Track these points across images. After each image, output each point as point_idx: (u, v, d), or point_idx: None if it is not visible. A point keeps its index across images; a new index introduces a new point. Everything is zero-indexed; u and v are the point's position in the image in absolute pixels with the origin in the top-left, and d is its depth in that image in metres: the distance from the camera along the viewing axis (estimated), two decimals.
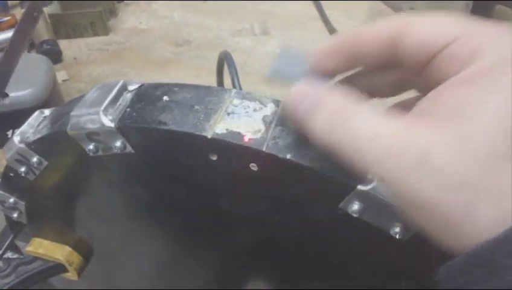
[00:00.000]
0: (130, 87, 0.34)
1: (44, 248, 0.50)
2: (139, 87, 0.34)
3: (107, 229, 0.45)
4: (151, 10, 0.85)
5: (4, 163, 0.40)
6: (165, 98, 0.32)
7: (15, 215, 0.46)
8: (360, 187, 0.27)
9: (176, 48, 0.77)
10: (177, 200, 0.35)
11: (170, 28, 0.80)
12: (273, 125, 0.30)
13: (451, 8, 0.56)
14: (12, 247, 0.54)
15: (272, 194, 0.32)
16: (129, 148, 0.33)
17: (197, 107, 0.31)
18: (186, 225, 0.39)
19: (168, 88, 0.33)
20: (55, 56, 0.70)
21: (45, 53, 0.69)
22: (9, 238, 0.56)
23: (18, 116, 0.47)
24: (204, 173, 0.32)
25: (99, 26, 0.76)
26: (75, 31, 0.74)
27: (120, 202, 0.40)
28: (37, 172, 0.40)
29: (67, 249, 0.50)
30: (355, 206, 0.28)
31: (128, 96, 0.34)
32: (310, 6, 0.83)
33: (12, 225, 0.49)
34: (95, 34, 0.76)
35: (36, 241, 0.50)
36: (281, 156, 0.28)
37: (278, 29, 0.80)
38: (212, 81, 0.68)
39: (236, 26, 0.80)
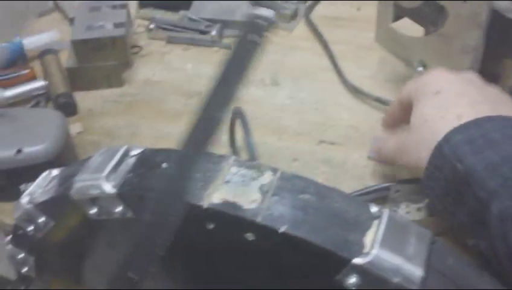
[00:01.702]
0: (133, 152, 0.35)
1: None
2: (142, 152, 0.35)
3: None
4: (165, 62, 0.86)
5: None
6: (164, 165, 0.33)
7: (25, 269, 0.47)
8: (355, 261, 0.27)
9: (187, 99, 0.78)
10: (177, 265, 0.35)
11: (182, 80, 0.82)
12: (269, 194, 0.30)
13: (460, 64, 0.57)
14: None
15: (269, 264, 0.32)
16: (130, 214, 0.34)
17: (196, 175, 0.32)
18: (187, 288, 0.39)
19: (167, 154, 0.34)
20: (70, 109, 0.71)
21: (61, 106, 0.71)
22: None
23: (31, 170, 0.48)
24: (203, 240, 0.32)
25: (114, 78, 0.78)
26: (91, 84, 0.76)
27: (119, 262, 0.41)
28: (44, 231, 0.41)
29: None
30: (352, 279, 0.28)
31: (130, 161, 0.35)
32: (320, 57, 0.84)
33: (22, 278, 0.50)
34: (110, 86, 0.78)
35: None
36: (275, 227, 0.28)
37: (288, 80, 0.81)
38: (223, 134, 0.69)
39: (247, 77, 0.81)
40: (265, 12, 0.37)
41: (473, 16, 0.51)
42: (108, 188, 0.32)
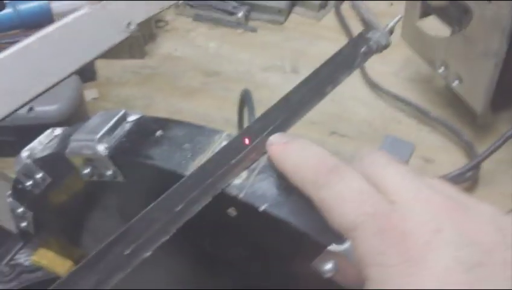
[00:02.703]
0: (130, 118, 0.35)
1: (48, 259, 0.52)
2: (138, 118, 0.35)
3: None
4: (189, 38, 0.87)
5: None
6: (159, 132, 0.33)
7: (24, 224, 0.48)
8: (331, 247, 0.27)
9: (205, 78, 0.78)
10: None
11: (203, 58, 0.82)
12: (255, 172, 0.30)
13: (481, 68, 0.56)
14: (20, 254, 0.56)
15: (251, 242, 0.32)
16: (120, 177, 0.34)
17: (186, 145, 0.32)
18: (172, 259, 0.39)
19: (164, 123, 0.34)
20: (89, 75, 0.72)
21: (80, 71, 0.72)
22: (19, 246, 0.58)
23: (41, 129, 0.49)
24: None
25: (136, 49, 0.79)
26: (113, 52, 0.76)
27: (113, 228, 0.41)
28: (42, 187, 0.41)
29: (69, 263, 0.51)
30: (328, 265, 0.28)
31: (127, 126, 0.35)
32: None
33: (21, 233, 0.51)
34: (132, 57, 0.79)
35: (41, 251, 0.52)
36: (256, 205, 0.28)
37: (308, 68, 0.80)
38: (234, 115, 0.69)
39: (268, 62, 0.81)
40: (377, 35, 0.37)
41: (497, 18, 0.49)
42: (101, 149, 0.33)
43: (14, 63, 0.30)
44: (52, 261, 0.51)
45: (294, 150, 0.29)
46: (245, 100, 0.59)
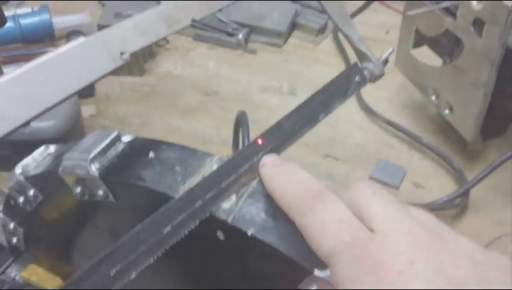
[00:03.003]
0: (124, 139, 0.36)
1: (38, 276, 0.52)
2: (133, 140, 0.36)
3: None
4: (189, 57, 0.88)
5: None
6: (151, 154, 0.34)
7: (14, 240, 0.48)
8: (317, 273, 0.28)
9: (204, 97, 0.79)
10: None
11: (202, 77, 0.83)
12: (244, 197, 0.31)
13: (472, 98, 0.57)
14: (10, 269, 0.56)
15: (238, 265, 0.32)
16: (111, 197, 0.35)
17: (177, 168, 0.32)
18: (161, 280, 0.39)
19: (157, 145, 0.35)
20: (87, 91, 0.73)
21: None
22: (9, 261, 0.58)
23: (37, 145, 0.49)
24: None
25: (135, 67, 0.80)
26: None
27: (103, 247, 0.42)
28: (34, 204, 0.42)
29: (59, 280, 0.51)
30: (312, 288, 0.28)
31: (120, 147, 0.36)
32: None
33: (12, 248, 0.51)
34: (130, 74, 0.80)
35: (31, 267, 0.52)
36: (244, 229, 0.29)
37: (305, 91, 0.81)
38: (231, 134, 0.70)
39: (266, 83, 0.82)
40: (371, 66, 0.40)
41: (487, 51, 0.51)
42: (93, 169, 0.33)
43: (11, 88, 0.31)
44: (41, 277, 0.52)
45: (283, 174, 0.30)
46: (240, 122, 0.60)
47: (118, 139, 0.36)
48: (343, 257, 0.24)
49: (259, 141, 0.32)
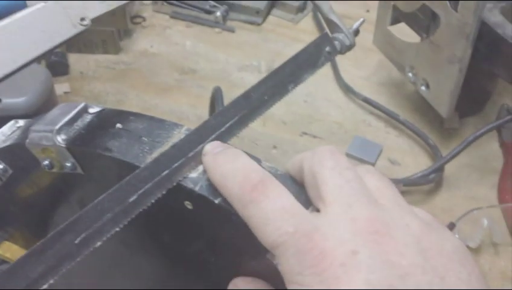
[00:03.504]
0: (91, 110, 0.35)
1: (12, 253, 0.51)
2: (100, 111, 0.35)
3: None
4: (165, 35, 0.87)
5: None
6: (118, 125, 0.33)
7: None
8: None
9: (181, 75, 0.78)
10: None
11: (179, 55, 0.82)
12: None
13: (447, 74, 0.57)
14: None
15: (207, 235, 0.32)
16: (79, 169, 0.34)
17: (144, 138, 0.32)
18: (133, 254, 0.39)
19: (125, 116, 0.34)
20: (61, 68, 0.72)
21: (52, 64, 0.71)
22: None
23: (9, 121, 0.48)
24: None
25: (110, 44, 0.78)
26: (87, 47, 0.76)
27: None
28: (3, 179, 0.41)
29: None
30: None
31: (87, 118, 0.35)
32: None
33: None
34: (105, 52, 0.78)
35: (6, 245, 0.51)
36: (211, 198, 0.29)
37: None
38: (207, 112, 0.70)
39: (244, 61, 0.81)
40: (341, 36, 0.39)
41: (462, 25, 0.51)
42: (58, 140, 0.33)
43: None
44: (15, 255, 0.51)
45: (223, 162, 0.28)
46: (215, 97, 0.60)
47: (85, 110, 0.35)
48: (286, 249, 0.23)
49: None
